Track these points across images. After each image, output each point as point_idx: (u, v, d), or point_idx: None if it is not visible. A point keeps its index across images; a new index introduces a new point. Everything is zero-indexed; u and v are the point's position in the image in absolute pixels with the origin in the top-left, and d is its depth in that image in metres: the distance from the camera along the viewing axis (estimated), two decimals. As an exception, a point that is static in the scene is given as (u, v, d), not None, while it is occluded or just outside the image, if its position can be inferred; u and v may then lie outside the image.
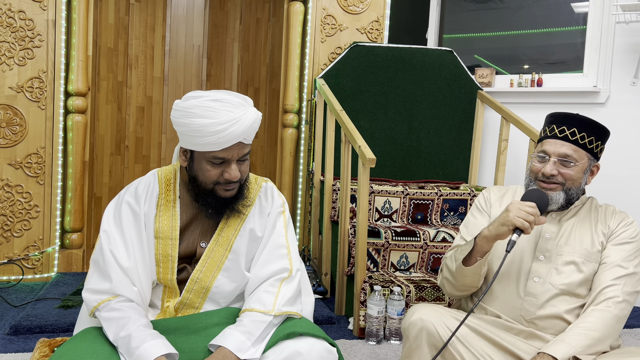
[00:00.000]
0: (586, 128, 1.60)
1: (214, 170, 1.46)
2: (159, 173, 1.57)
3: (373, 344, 2.41)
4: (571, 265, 1.60)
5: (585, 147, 1.60)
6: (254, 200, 1.59)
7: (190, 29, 4.13)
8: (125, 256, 1.44)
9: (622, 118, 3.26)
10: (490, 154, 3.68)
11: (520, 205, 1.52)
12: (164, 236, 1.50)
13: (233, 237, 1.54)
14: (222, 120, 1.40)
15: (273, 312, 1.43)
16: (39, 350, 1.99)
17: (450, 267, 1.65)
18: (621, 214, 1.67)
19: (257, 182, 1.63)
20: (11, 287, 2.88)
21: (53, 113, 2.97)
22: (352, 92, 3.34)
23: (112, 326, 1.37)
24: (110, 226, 1.48)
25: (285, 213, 1.63)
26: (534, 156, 1.66)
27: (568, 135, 1.60)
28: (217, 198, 1.49)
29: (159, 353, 1.30)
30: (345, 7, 3.44)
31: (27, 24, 2.90)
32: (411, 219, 3.13)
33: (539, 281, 1.61)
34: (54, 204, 3.01)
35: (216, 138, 1.40)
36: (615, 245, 1.61)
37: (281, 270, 1.52)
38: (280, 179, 3.41)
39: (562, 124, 1.61)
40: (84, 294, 1.44)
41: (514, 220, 1.49)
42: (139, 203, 1.50)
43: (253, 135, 1.49)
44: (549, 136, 1.63)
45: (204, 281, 1.51)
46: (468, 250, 1.59)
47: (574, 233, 1.64)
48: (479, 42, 4.22)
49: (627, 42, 3.25)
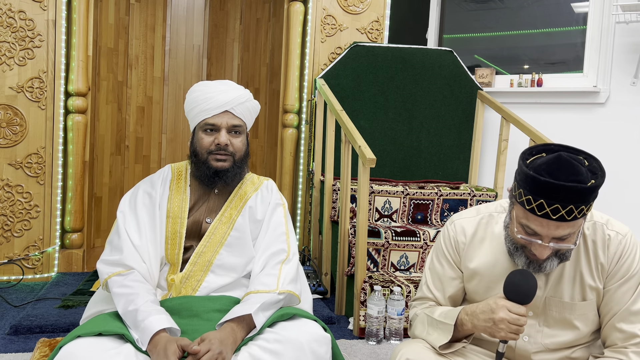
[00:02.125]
0: (584, 198, 1.22)
1: (207, 137, 1.66)
2: (173, 166, 1.78)
3: (373, 344, 2.41)
4: (562, 322, 1.42)
5: (584, 215, 1.26)
6: (256, 190, 1.76)
7: (190, 29, 4.13)
8: (137, 235, 1.59)
9: (622, 118, 3.26)
10: (490, 154, 3.68)
11: (511, 318, 1.29)
12: (174, 215, 1.67)
13: (236, 215, 1.69)
14: (211, 90, 1.67)
15: (278, 290, 1.52)
16: (39, 350, 1.99)
17: (419, 335, 1.49)
18: (614, 237, 1.39)
19: (259, 179, 1.81)
20: (11, 287, 2.88)
21: (53, 113, 2.97)
22: (352, 92, 3.34)
23: (121, 300, 1.46)
24: (125, 209, 1.65)
25: (285, 207, 1.77)
26: (516, 222, 1.32)
27: (564, 215, 1.23)
28: (209, 168, 1.66)
29: (163, 326, 1.38)
30: (345, 7, 3.44)
31: (27, 24, 2.90)
32: (411, 219, 3.13)
33: (529, 340, 1.44)
34: (54, 204, 3.01)
35: (206, 104, 1.64)
36: (618, 285, 1.38)
37: (280, 251, 1.64)
38: (280, 179, 3.41)
39: (555, 201, 1.22)
40: (98, 265, 1.57)
41: (506, 338, 1.31)
42: (154, 188, 1.70)
43: (244, 110, 1.69)
44: (537, 214, 1.25)
45: (207, 255, 1.64)
46: (446, 340, 1.40)
47: (561, 283, 1.41)
48: (479, 42, 4.22)
49: (627, 42, 3.25)
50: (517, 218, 1.31)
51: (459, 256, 1.52)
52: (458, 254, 1.52)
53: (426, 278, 1.57)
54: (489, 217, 1.50)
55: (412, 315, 1.58)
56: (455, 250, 1.52)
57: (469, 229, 1.51)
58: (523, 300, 1.31)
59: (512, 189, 1.35)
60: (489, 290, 1.48)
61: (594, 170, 1.27)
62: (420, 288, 1.61)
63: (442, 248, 1.55)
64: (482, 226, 1.50)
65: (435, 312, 1.49)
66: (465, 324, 1.39)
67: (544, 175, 1.23)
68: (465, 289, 1.55)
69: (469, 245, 1.50)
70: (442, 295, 1.55)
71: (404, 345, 1.49)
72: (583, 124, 3.39)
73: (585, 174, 1.24)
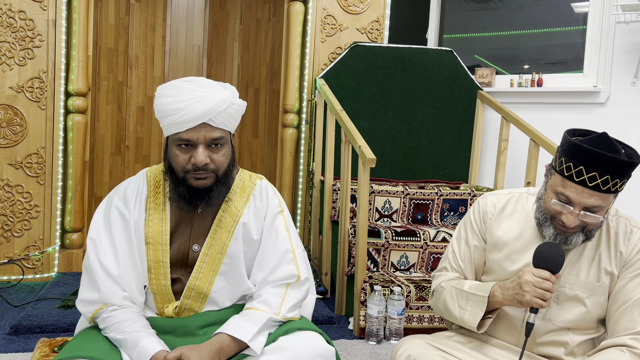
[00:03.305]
0: (621, 172, 1.31)
1: (182, 155, 1.40)
2: (148, 174, 1.52)
3: (373, 344, 2.41)
4: (573, 300, 1.46)
5: (616, 191, 1.35)
6: (248, 199, 1.52)
7: (190, 29, 4.13)
8: (114, 264, 1.41)
9: (622, 118, 3.26)
10: (490, 154, 3.68)
11: (535, 280, 1.35)
12: (154, 241, 1.45)
13: (227, 239, 1.47)
14: (183, 97, 1.36)
15: (279, 316, 1.41)
16: (39, 350, 1.99)
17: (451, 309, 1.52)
18: (636, 232, 1.46)
19: (251, 179, 1.57)
20: (11, 287, 2.88)
21: (53, 113, 2.97)
22: (352, 92, 3.34)
23: (108, 332, 1.39)
24: (99, 233, 1.44)
25: (284, 213, 1.56)
26: (551, 192, 1.40)
27: (600, 184, 1.31)
28: (188, 188, 1.41)
29: (157, 349, 1.31)
30: (346, 7, 3.44)
31: (27, 24, 2.91)
32: (411, 219, 3.13)
33: (538, 316, 1.46)
34: (54, 204, 3.01)
35: (178, 117, 1.36)
36: (632, 276, 1.42)
37: (288, 277, 1.47)
38: (280, 179, 3.41)
39: (593, 168, 1.30)
40: (78, 305, 1.44)
41: (532, 302, 1.35)
42: (128, 208, 1.46)
43: (225, 118, 1.41)
44: (574, 180, 1.33)
45: (201, 287, 1.47)
46: (481, 314, 1.45)
47: (579, 262, 1.47)
48: (479, 42, 4.22)
49: (627, 42, 3.25)
50: (554, 186, 1.39)
51: (485, 226, 1.58)
52: (484, 223, 1.58)
53: (452, 247, 1.64)
54: (519, 196, 1.58)
55: (436, 287, 1.62)
56: (482, 220, 1.59)
57: (499, 202, 1.59)
58: (548, 266, 1.38)
59: (550, 163, 1.45)
60: (509, 261, 1.52)
61: (631, 154, 1.37)
62: (444, 258, 1.66)
63: (470, 217, 1.62)
64: (512, 202, 1.58)
65: (464, 284, 1.53)
66: (497, 295, 1.44)
67: (588, 144, 1.32)
68: (486, 259, 1.59)
69: (496, 217, 1.57)
70: (467, 263, 1.60)
71: (405, 341, 1.49)
72: (583, 124, 3.39)
73: (623, 155, 1.34)
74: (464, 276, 1.61)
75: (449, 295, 1.54)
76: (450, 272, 1.62)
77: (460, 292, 1.51)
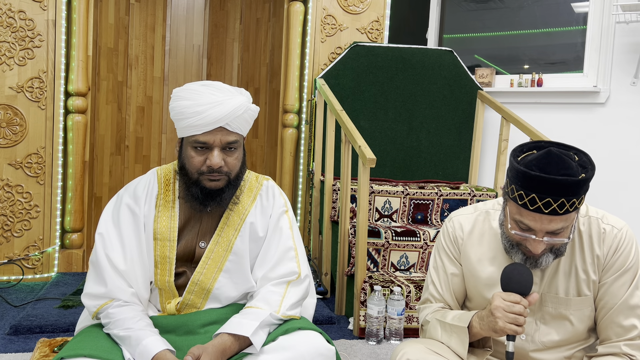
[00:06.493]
0: (575, 191, 1.23)
1: (197, 157, 1.44)
2: (159, 172, 1.57)
3: (373, 344, 2.41)
4: (558, 318, 1.42)
5: (576, 209, 1.27)
6: (254, 199, 1.57)
7: (190, 29, 4.13)
8: (121, 259, 1.44)
9: (622, 118, 3.26)
10: (490, 154, 3.68)
11: (505, 305, 1.29)
12: (162, 237, 1.49)
13: (233, 237, 1.51)
14: (202, 102, 1.41)
15: (279, 314, 1.43)
16: (39, 350, 1.99)
17: (434, 336, 1.48)
18: (610, 231, 1.39)
19: (258, 180, 1.62)
20: (11, 287, 2.88)
21: (53, 113, 2.97)
22: (352, 92, 3.34)
23: (111, 328, 1.39)
24: (107, 228, 1.47)
25: (289, 213, 1.60)
26: (510, 219, 1.33)
27: (556, 208, 1.24)
28: (202, 189, 1.46)
29: (160, 348, 1.32)
30: (345, 7, 3.44)
31: (27, 24, 2.90)
32: (411, 219, 3.13)
33: (526, 339, 1.44)
34: (54, 204, 3.01)
35: (196, 120, 1.41)
36: (613, 279, 1.38)
37: (289, 274, 1.50)
38: (281, 179, 3.41)
39: (546, 195, 1.23)
40: (83, 299, 1.45)
41: (505, 329, 1.29)
42: (138, 204, 1.49)
43: (240, 123, 1.46)
44: (529, 209, 1.26)
45: (205, 283, 1.49)
46: (465, 346, 1.40)
47: (556, 278, 1.42)
48: (479, 42, 4.22)
49: (627, 42, 3.25)
50: (511, 214, 1.32)
51: (459, 250, 1.53)
52: (458, 247, 1.53)
53: (431, 277, 1.58)
54: (485, 214, 1.52)
55: (423, 321, 1.58)
56: (454, 245, 1.53)
57: (467, 225, 1.52)
58: (517, 288, 1.31)
59: (504, 186, 1.36)
60: (487, 289, 1.48)
61: (584, 164, 1.29)
62: (425, 289, 1.61)
63: (443, 244, 1.56)
64: (479, 223, 1.51)
65: (447, 316, 1.48)
66: (475, 326, 1.39)
67: (534, 170, 1.24)
68: (465, 286, 1.55)
69: (466, 240, 1.51)
70: (447, 292, 1.56)
71: (405, 345, 1.48)
72: (583, 124, 3.39)
73: (576, 168, 1.25)
74: (448, 306, 1.57)
75: (433, 328, 1.50)
76: (434, 304, 1.58)
77: (443, 325, 1.47)
